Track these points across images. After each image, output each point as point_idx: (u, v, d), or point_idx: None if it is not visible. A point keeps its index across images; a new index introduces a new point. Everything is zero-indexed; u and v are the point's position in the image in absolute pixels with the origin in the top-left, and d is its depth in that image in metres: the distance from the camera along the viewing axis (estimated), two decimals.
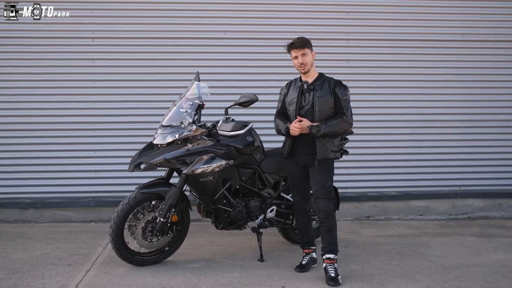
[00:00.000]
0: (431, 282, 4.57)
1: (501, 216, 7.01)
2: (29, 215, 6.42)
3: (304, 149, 4.67)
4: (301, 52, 4.61)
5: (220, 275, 4.67)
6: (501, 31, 6.98)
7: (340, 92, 4.60)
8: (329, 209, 4.63)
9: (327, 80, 4.67)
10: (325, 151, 4.59)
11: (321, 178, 4.63)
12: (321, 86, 4.62)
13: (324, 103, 4.58)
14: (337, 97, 4.59)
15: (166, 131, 4.79)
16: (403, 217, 6.87)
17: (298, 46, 4.61)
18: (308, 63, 4.62)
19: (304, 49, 4.60)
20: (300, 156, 4.70)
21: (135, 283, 4.46)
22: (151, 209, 4.85)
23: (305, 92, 4.65)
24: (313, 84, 4.65)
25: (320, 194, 4.61)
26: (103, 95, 6.53)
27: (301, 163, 4.72)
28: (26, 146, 6.46)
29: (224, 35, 6.63)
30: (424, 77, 6.92)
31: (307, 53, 4.62)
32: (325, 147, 4.59)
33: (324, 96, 4.58)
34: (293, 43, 4.65)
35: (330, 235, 4.65)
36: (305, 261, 4.88)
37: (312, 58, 4.67)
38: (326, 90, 4.60)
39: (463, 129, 7.00)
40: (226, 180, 5.02)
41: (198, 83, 4.98)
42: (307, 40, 4.67)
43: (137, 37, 6.53)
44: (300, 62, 4.62)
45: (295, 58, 4.66)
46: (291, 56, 4.71)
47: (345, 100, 4.61)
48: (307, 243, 4.96)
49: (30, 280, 4.49)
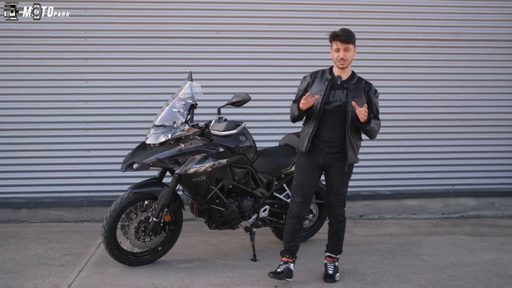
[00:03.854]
0: (424, 281, 4.59)
1: (494, 215, 7.03)
2: (21, 215, 6.40)
3: (327, 147, 4.37)
4: (345, 46, 4.27)
5: (213, 274, 4.67)
6: (493, 30, 6.98)
7: (373, 96, 4.42)
8: (341, 216, 4.57)
9: (361, 81, 4.42)
10: (353, 156, 4.38)
11: (338, 183, 4.47)
12: (356, 86, 4.36)
13: (358, 104, 4.22)
14: (370, 101, 4.36)
15: (158, 131, 4.79)
16: (396, 216, 6.88)
17: (343, 39, 4.26)
18: (348, 60, 4.31)
19: (348, 44, 4.28)
20: (320, 154, 4.40)
21: (128, 283, 4.46)
22: (144, 209, 4.84)
23: (336, 87, 4.35)
24: (347, 83, 4.37)
25: (335, 201, 4.50)
26: (96, 94, 6.50)
27: (319, 162, 4.42)
28: (18, 145, 6.42)
29: (217, 34, 6.61)
30: (416, 77, 6.92)
31: (350, 49, 4.30)
32: (354, 151, 4.38)
33: (358, 97, 4.30)
34: (338, 35, 4.28)
35: (337, 237, 4.64)
36: (281, 269, 4.42)
37: (354, 54, 4.37)
38: (361, 91, 4.35)
39: (456, 128, 7.00)
40: (219, 179, 5.02)
41: (191, 83, 4.98)
42: (353, 35, 4.34)
43: (130, 37, 6.50)
44: (341, 57, 4.28)
45: (336, 50, 4.30)
46: (331, 47, 4.36)
47: (377, 104, 4.46)
48: (288, 252, 4.52)
49: (22, 281, 4.47)
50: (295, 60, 6.57)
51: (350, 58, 4.33)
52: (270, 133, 6.30)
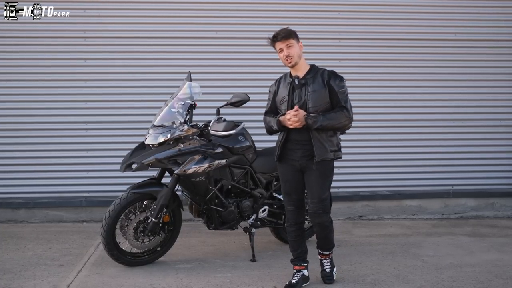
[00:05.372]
0: (424, 282, 4.57)
1: (494, 216, 7.02)
2: (20, 215, 6.39)
3: (300, 150, 4.23)
4: (286, 43, 4.15)
5: (212, 275, 4.66)
6: (493, 30, 6.98)
7: (336, 84, 4.16)
8: (326, 223, 4.33)
9: (320, 72, 4.23)
10: (323, 152, 4.14)
11: (318, 187, 4.22)
12: (313, 80, 4.18)
13: (317, 98, 4.14)
14: (333, 90, 4.15)
15: (157, 131, 4.79)
16: (396, 217, 6.87)
17: (281, 37, 4.15)
18: (294, 55, 4.16)
19: (288, 40, 4.15)
20: (295, 158, 4.26)
21: (126, 283, 4.45)
22: (143, 209, 4.84)
23: (296, 88, 4.19)
24: (304, 78, 4.20)
25: (317, 209, 4.24)
26: (95, 94, 6.50)
27: (296, 166, 4.27)
28: (17, 145, 6.43)
29: (216, 34, 6.61)
30: (416, 77, 6.92)
31: (293, 44, 4.16)
32: (323, 147, 4.15)
33: (317, 90, 4.14)
34: (276, 35, 4.18)
35: (325, 240, 4.46)
36: (296, 280, 4.37)
37: (300, 49, 4.21)
38: (319, 83, 4.16)
39: (456, 128, 7.00)
40: (218, 180, 5.01)
41: (190, 83, 4.98)
42: (291, 30, 4.21)
43: (129, 37, 6.50)
44: (285, 55, 4.16)
45: (280, 51, 4.19)
46: (276, 50, 4.25)
47: (342, 93, 4.18)
48: (298, 259, 4.45)
49: (21, 281, 4.47)
50: None
51: (296, 54, 4.18)
52: None
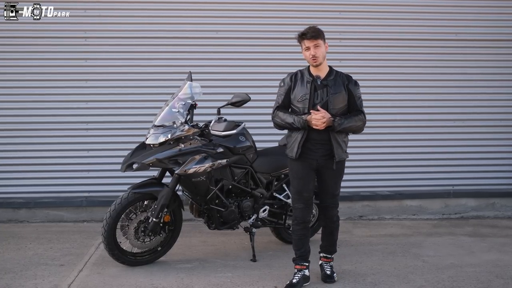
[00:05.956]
0: (424, 282, 4.57)
1: (494, 216, 7.01)
2: (21, 215, 6.39)
3: (321, 150, 4.29)
4: (314, 43, 4.20)
5: (212, 275, 4.67)
6: (493, 30, 6.96)
7: (354, 89, 4.31)
8: (336, 216, 4.54)
9: (339, 75, 4.34)
10: (341, 152, 4.28)
11: (333, 185, 4.41)
12: (335, 82, 4.27)
13: (338, 100, 4.25)
14: (351, 94, 4.29)
15: (158, 131, 4.79)
16: (396, 217, 6.87)
17: (310, 36, 4.19)
18: (320, 56, 4.22)
19: (317, 40, 4.20)
20: (314, 157, 4.31)
21: (127, 283, 4.46)
22: (144, 209, 4.84)
23: (318, 88, 4.26)
24: (326, 80, 4.28)
25: (329, 202, 4.45)
26: (96, 94, 6.49)
27: (313, 165, 4.33)
28: (18, 145, 6.42)
29: (216, 34, 6.61)
30: (416, 77, 6.90)
31: (320, 45, 4.22)
32: (341, 148, 4.28)
33: (338, 93, 4.24)
34: (305, 33, 4.22)
35: (331, 237, 4.62)
36: (296, 279, 4.40)
37: (325, 50, 4.29)
38: (340, 86, 4.27)
39: (456, 128, 6.99)
40: (219, 180, 5.01)
41: (191, 83, 4.98)
42: (321, 30, 4.26)
43: (129, 37, 6.49)
44: (312, 55, 4.20)
45: (306, 49, 4.24)
46: (301, 47, 4.29)
47: (358, 98, 4.34)
48: (300, 258, 4.48)
49: (22, 280, 4.47)
50: (294, 60, 6.48)
51: (322, 54, 4.24)
52: (270, 133, 6.22)
